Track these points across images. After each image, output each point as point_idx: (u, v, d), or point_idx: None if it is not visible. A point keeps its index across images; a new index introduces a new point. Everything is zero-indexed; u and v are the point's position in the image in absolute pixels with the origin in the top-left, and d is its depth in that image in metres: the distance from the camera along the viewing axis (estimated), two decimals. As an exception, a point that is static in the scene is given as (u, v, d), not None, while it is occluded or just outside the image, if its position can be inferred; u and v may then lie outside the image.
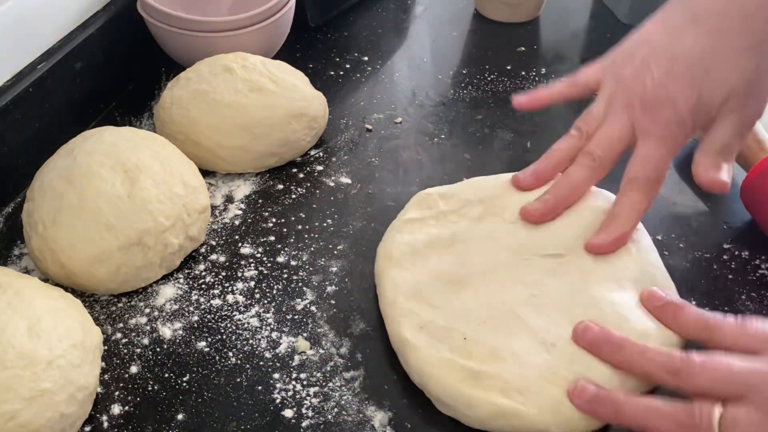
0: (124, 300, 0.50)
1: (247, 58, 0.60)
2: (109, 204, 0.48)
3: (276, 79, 0.59)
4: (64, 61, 0.59)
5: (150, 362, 0.46)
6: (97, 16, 0.64)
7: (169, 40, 0.65)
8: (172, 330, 0.48)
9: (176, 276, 0.52)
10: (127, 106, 0.66)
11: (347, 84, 0.70)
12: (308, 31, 0.76)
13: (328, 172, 0.60)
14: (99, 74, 0.63)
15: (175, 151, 0.54)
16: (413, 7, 0.82)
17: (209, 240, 0.54)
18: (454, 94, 0.69)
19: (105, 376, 0.45)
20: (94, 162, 0.49)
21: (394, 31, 0.78)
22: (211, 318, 0.49)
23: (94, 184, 0.48)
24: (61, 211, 0.48)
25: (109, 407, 0.44)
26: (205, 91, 0.58)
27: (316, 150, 0.62)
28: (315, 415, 0.44)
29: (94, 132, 0.54)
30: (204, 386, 0.45)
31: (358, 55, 0.74)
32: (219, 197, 0.58)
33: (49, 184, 0.49)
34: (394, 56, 0.74)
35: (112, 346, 0.47)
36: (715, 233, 0.55)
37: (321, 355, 0.47)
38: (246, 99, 0.57)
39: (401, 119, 0.66)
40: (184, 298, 0.50)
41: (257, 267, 0.52)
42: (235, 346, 0.47)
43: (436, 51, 0.76)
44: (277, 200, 0.58)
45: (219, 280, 0.51)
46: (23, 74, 0.56)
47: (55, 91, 0.59)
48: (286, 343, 0.47)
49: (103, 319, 0.49)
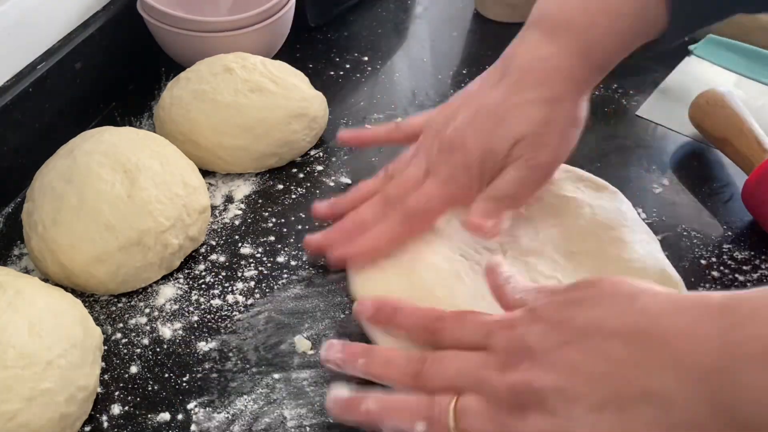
0: (124, 300, 0.50)
1: (247, 58, 0.60)
2: (109, 204, 0.48)
3: (276, 79, 0.59)
4: (64, 61, 0.59)
5: (150, 362, 0.46)
6: (97, 16, 0.63)
7: (169, 40, 0.65)
8: (172, 330, 0.48)
9: (176, 276, 0.52)
10: (127, 106, 0.66)
11: (347, 84, 0.70)
12: (308, 31, 0.76)
13: (328, 172, 0.60)
14: (99, 74, 0.63)
15: (175, 151, 0.54)
16: (413, 7, 0.82)
17: (209, 240, 0.54)
18: (454, 94, 0.69)
19: (105, 376, 0.45)
20: (94, 162, 0.49)
21: (394, 31, 0.78)
22: (211, 318, 0.49)
23: (94, 185, 0.48)
24: (60, 211, 0.48)
25: (109, 407, 0.44)
26: (205, 91, 0.58)
27: (316, 150, 0.62)
28: (316, 415, 0.44)
29: (94, 132, 0.54)
30: (204, 386, 0.45)
31: (358, 55, 0.74)
32: (219, 197, 0.58)
33: (49, 184, 0.49)
34: (394, 56, 0.74)
35: (112, 346, 0.47)
36: (715, 233, 0.55)
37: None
38: (246, 99, 0.57)
39: (401, 119, 0.66)
40: (184, 298, 0.50)
41: (257, 267, 0.52)
42: (235, 346, 0.47)
43: (436, 51, 0.76)
44: (277, 200, 0.58)
45: (219, 280, 0.51)
46: (23, 74, 0.56)
47: (55, 91, 0.58)
48: (287, 344, 0.47)
49: (103, 319, 0.49)
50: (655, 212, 0.56)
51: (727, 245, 0.54)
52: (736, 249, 0.54)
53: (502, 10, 0.78)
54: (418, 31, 0.79)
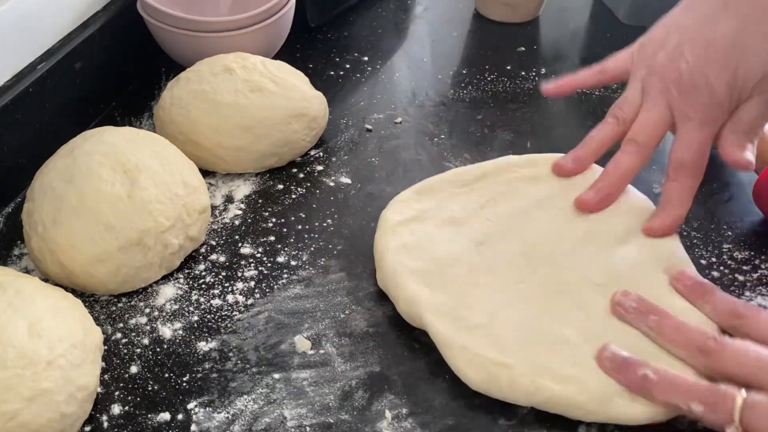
0: (124, 300, 0.50)
1: (247, 58, 0.60)
2: (109, 204, 0.48)
3: (276, 79, 0.59)
4: (64, 61, 0.59)
5: (150, 362, 0.46)
6: (97, 16, 0.63)
7: (169, 40, 0.65)
8: (172, 330, 0.48)
9: (176, 276, 0.52)
10: (127, 106, 0.66)
11: (347, 84, 0.70)
12: (308, 31, 0.76)
13: (328, 172, 0.60)
14: (99, 74, 0.63)
15: (175, 151, 0.54)
16: (413, 7, 0.82)
17: (209, 240, 0.54)
18: (454, 94, 0.69)
19: (105, 376, 0.45)
20: (94, 162, 0.49)
21: (394, 31, 0.78)
22: (211, 318, 0.49)
23: (94, 185, 0.48)
24: (60, 211, 0.48)
25: (109, 407, 0.44)
26: (205, 91, 0.58)
27: (316, 150, 0.62)
28: (316, 415, 0.44)
29: (94, 132, 0.54)
30: (204, 386, 0.45)
31: (358, 55, 0.74)
32: (219, 197, 0.58)
33: (49, 184, 0.49)
34: (394, 56, 0.74)
35: (112, 346, 0.47)
36: (715, 233, 0.55)
37: (321, 355, 0.47)
38: (246, 99, 0.57)
39: (401, 119, 0.66)
40: (184, 298, 0.50)
41: (257, 267, 0.52)
42: (235, 346, 0.47)
43: (436, 51, 0.76)
44: (277, 200, 0.58)
45: (219, 280, 0.51)
46: (23, 74, 0.56)
47: (55, 91, 0.58)
48: (287, 343, 0.47)
49: (103, 319, 0.49)
50: (655, 212, 0.56)
51: (727, 245, 0.54)
52: (736, 249, 0.54)
53: (502, 10, 0.78)
54: (418, 31, 0.79)
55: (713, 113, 0.48)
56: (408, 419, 0.43)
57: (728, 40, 0.47)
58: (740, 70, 0.47)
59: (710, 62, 0.48)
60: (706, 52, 0.48)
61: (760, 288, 0.51)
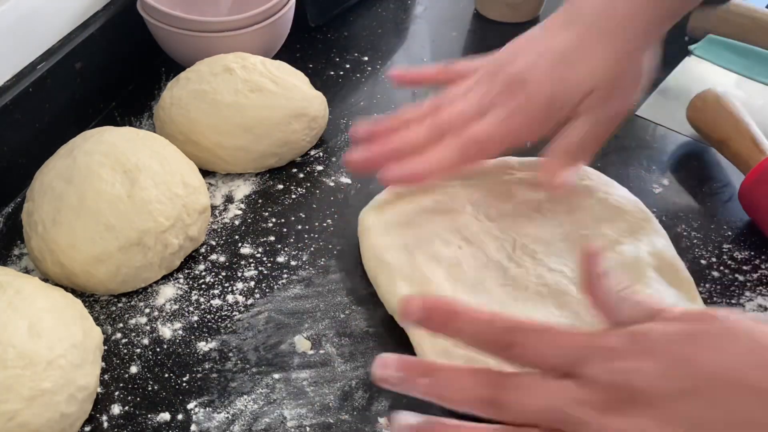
0: (124, 300, 0.50)
1: (247, 58, 0.60)
2: (109, 204, 0.48)
3: (276, 79, 0.59)
4: (64, 61, 0.59)
5: (150, 362, 0.46)
6: (97, 16, 0.63)
7: (169, 40, 0.65)
8: (172, 330, 0.48)
9: (176, 276, 0.52)
10: (127, 106, 0.66)
11: (347, 84, 0.70)
12: (308, 31, 0.76)
13: (328, 172, 0.60)
14: (99, 74, 0.63)
15: (175, 151, 0.54)
16: (413, 7, 0.82)
17: (209, 240, 0.54)
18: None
19: (105, 376, 0.45)
20: (94, 162, 0.49)
21: (394, 31, 0.78)
22: (211, 318, 0.49)
23: (94, 185, 0.48)
24: (60, 211, 0.48)
25: (109, 407, 0.44)
26: (205, 92, 0.58)
27: (316, 150, 0.62)
28: (316, 415, 0.44)
29: (94, 132, 0.54)
30: (204, 386, 0.45)
31: (358, 55, 0.74)
32: (219, 197, 0.58)
33: (49, 184, 0.49)
34: (394, 56, 0.74)
35: (112, 346, 0.47)
36: (715, 233, 0.55)
37: (321, 355, 0.47)
38: (246, 99, 0.57)
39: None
40: (184, 298, 0.50)
41: (257, 267, 0.52)
42: (235, 346, 0.47)
43: (436, 51, 0.76)
44: (277, 200, 0.58)
45: (219, 280, 0.51)
46: (23, 74, 0.56)
47: (55, 91, 0.58)
48: (287, 344, 0.47)
49: (103, 319, 0.49)
50: (655, 212, 0.56)
51: (727, 245, 0.54)
52: (736, 249, 0.54)
53: (502, 10, 0.78)
54: (418, 31, 0.79)
55: (521, 114, 0.47)
56: (408, 419, 0.43)
57: (558, 51, 0.47)
58: (565, 81, 0.46)
59: (539, 67, 0.47)
60: (539, 58, 0.47)
61: (760, 288, 0.51)
